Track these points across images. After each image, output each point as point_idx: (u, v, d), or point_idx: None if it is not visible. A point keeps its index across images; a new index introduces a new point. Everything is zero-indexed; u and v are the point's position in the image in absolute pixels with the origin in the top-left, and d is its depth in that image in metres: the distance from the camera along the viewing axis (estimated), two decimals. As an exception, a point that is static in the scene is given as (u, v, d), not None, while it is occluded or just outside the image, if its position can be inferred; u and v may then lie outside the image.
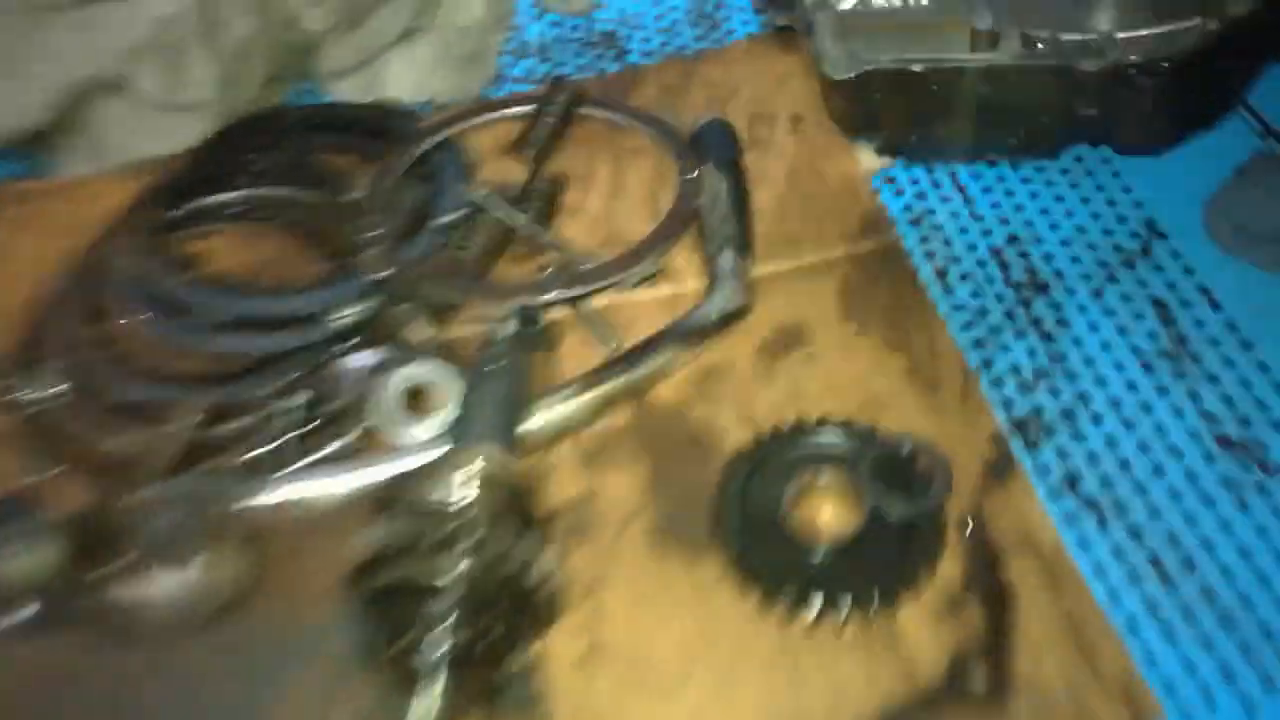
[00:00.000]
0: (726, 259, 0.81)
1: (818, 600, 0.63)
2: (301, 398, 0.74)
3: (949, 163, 0.91)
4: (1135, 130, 0.83)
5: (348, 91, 1.02)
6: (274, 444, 0.73)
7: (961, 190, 0.90)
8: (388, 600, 0.59)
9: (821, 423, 0.71)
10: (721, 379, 0.78)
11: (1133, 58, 0.76)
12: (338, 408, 0.74)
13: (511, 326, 0.73)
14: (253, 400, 0.75)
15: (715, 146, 0.90)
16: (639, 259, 0.80)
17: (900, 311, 0.81)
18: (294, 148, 0.94)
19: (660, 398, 0.78)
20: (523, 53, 1.08)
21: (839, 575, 0.64)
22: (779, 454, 0.70)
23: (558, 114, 0.93)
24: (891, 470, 0.66)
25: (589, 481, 0.73)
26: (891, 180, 0.92)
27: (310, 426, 0.73)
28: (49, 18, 0.85)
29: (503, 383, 0.70)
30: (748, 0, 1.10)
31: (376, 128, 0.96)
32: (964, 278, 0.83)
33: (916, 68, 0.80)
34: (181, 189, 0.91)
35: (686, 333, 0.78)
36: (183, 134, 0.91)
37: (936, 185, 0.91)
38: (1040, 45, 0.79)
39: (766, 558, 0.66)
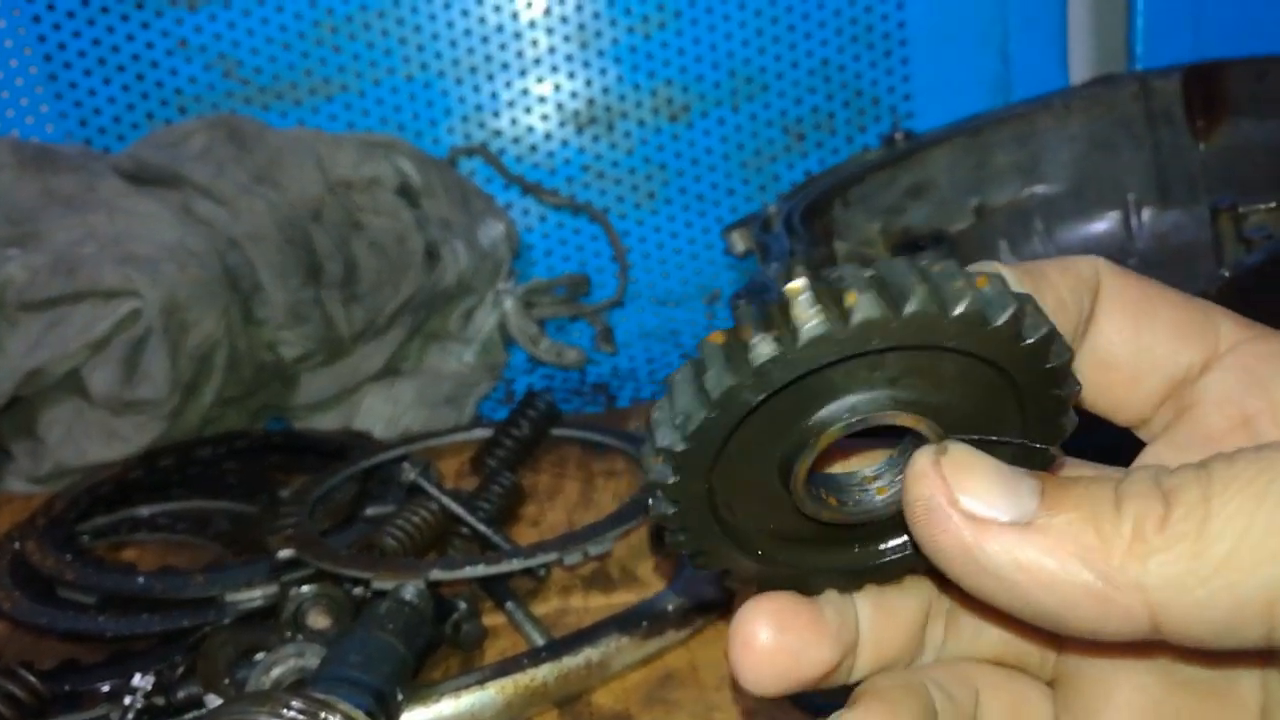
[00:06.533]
0: (693, 551, 0.69)
1: None
2: (146, 682, 0.60)
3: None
4: None
5: (322, 424, 0.97)
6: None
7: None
8: None
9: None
10: (681, 685, 0.62)
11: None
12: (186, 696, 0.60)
13: (412, 592, 0.60)
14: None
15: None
16: (579, 541, 0.68)
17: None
18: (243, 464, 0.88)
19: (600, 703, 0.61)
20: (509, 400, 1.04)
21: None
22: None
23: (528, 426, 0.86)
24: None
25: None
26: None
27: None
28: (21, 317, 0.84)
29: (386, 635, 0.55)
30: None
31: (335, 450, 0.89)
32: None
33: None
34: (109, 498, 0.83)
35: (632, 621, 0.63)
36: (130, 440, 0.86)
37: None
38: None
39: None
